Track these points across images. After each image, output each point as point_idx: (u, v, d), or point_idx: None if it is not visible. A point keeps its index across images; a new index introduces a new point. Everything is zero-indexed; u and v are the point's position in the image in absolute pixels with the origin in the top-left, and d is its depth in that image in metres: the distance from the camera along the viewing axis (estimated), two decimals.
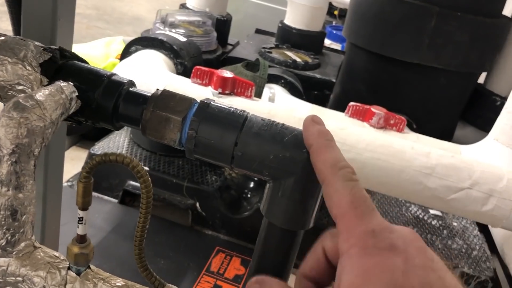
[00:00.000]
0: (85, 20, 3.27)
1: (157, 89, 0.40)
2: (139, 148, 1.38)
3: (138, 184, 1.29)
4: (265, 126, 0.38)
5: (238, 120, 0.38)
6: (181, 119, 0.38)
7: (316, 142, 0.32)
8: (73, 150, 1.55)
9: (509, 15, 1.61)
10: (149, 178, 0.35)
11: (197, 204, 1.26)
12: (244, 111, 0.39)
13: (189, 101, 0.39)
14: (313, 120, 0.34)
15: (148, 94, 0.40)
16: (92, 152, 1.31)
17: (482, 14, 1.41)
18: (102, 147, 1.35)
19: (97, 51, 1.93)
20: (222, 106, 0.39)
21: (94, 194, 1.30)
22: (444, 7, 1.38)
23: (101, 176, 1.29)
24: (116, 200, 1.30)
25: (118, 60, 1.83)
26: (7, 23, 0.59)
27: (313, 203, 0.37)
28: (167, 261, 1.13)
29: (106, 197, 1.31)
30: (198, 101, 0.40)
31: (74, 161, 1.45)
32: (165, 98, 0.39)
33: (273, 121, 0.39)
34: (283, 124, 0.39)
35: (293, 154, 0.37)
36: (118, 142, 1.40)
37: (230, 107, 0.39)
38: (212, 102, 0.39)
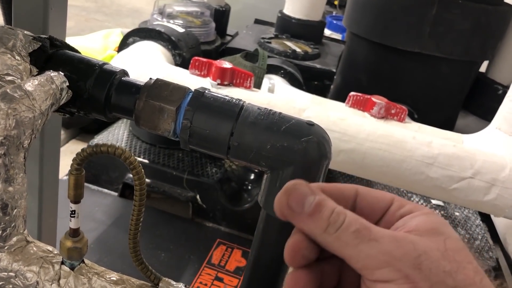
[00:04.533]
0: (84, 13, 3.25)
1: (150, 78, 0.39)
2: (138, 140, 1.37)
3: None
4: (261, 115, 0.37)
5: (233, 109, 0.37)
6: (175, 109, 0.37)
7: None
8: (72, 144, 1.54)
9: (511, 3, 1.58)
10: (142, 170, 0.34)
11: (198, 197, 1.25)
12: (240, 100, 0.38)
13: (183, 90, 0.38)
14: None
15: (141, 83, 0.38)
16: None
17: (483, 2, 1.39)
18: (101, 140, 1.34)
19: (95, 43, 1.92)
20: (217, 95, 0.38)
21: (94, 187, 1.29)
22: None
23: (100, 169, 1.28)
24: (116, 193, 1.29)
25: (117, 52, 1.82)
26: None
27: None
28: (168, 253, 1.12)
29: (106, 190, 1.30)
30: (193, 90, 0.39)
31: (73, 155, 1.44)
32: (159, 87, 0.38)
33: (270, 110, 0.38)
34: (280, 113, 0.38)
35: (291, 144, 0.36)
36: (117, 135, 1.39)
37: (226, 96, 0.38)
38: (207, 91, 0.38)
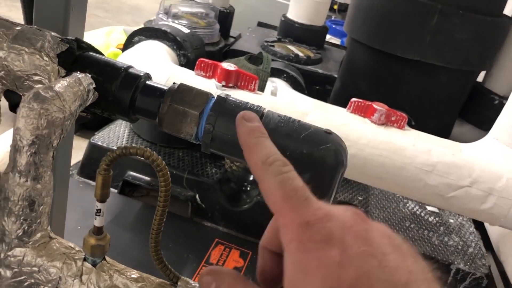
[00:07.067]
0: None
1: (174, 83, 0.40)
2: (139, 138, 1.38)
3: (138, 175, 1.29)
4: (281, 122, 0.38)
5: None
6: (198, 113, 0.38)
7: (246, 141, 0.31)
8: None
9: (509, 15, 1.61)
10: (168, 172, 0.35)
11: (197, 196, 1.26)
12: (261, 106, 0.39)
13: (206, 95, 0.39)
14: (244, 118, 0.32)
15: (165, 88, 0.40)
16: (93, 141, 1.31)
17: (483, 13, 1.41)
18: (102, 137, 1.35)
19: (97, 40, 1.92)
20: (239, 101, 0.39)
21: (94, 183, 1.30)
22: (446, 5, 1.39)
23: None
24: (116, 190, 1.30)
25: (119, 50, 1.82)
26: (18, 13, 0.59)
27: (327, 201, 0.38)
28: (167, 252, 1.13)
29: None
30: (215, 95, 0.40)
31: (74, 150, 1.44)
32: (182, 92, 0.39)
33: (290, 117, 0.39)
34: (299, 121, 0.39)
35: (309, 151, 0.37)
36: (118, 133, 1.40)
37: (247, 102, 0.40)
38: (229, 97, 0.39)
